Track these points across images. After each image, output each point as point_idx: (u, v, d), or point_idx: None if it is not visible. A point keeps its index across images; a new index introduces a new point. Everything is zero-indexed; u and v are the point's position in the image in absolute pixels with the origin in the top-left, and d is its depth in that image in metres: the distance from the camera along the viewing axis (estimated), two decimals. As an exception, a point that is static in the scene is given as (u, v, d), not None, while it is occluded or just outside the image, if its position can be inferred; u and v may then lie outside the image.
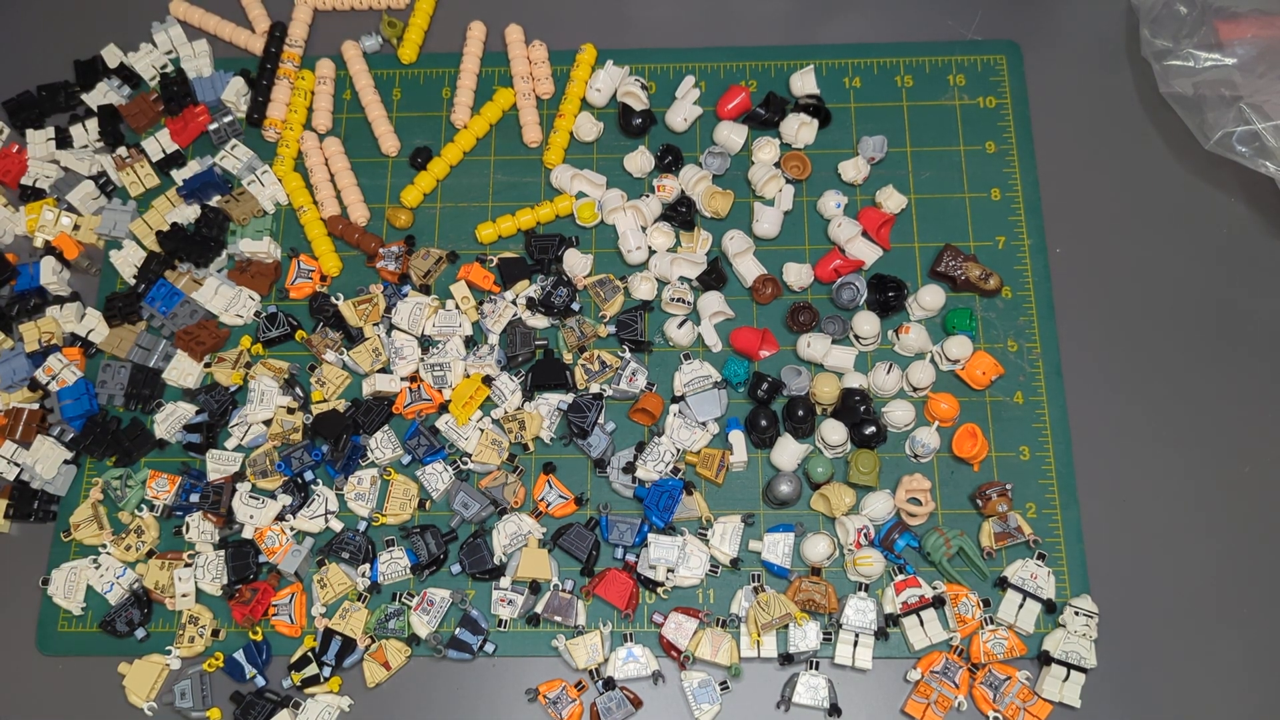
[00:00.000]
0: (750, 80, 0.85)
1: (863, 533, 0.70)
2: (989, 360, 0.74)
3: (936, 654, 0.68)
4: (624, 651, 0.69)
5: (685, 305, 0.77)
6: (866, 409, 0.73)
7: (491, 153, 0.85)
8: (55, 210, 0.82)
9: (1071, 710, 0.68)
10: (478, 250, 0.81)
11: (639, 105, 0.83)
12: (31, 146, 0.85)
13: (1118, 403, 0.75)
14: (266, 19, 0.89)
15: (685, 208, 0.80)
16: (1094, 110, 0.83)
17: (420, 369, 0.76)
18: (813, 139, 0.82)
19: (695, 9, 0.88)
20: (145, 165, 0.84)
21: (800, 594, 0.69)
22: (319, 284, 0.80)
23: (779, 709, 0.69)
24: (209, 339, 0.78)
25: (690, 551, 0.71)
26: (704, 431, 0.74)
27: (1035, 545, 0.71)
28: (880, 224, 0.79)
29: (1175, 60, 0.79)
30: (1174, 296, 0.78)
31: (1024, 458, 0.74)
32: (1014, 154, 0.82)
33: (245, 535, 0.73)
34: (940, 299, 0.76)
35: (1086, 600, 0.69)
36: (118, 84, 0.87)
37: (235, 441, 0.76)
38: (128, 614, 0.71)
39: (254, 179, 0.83)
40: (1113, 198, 0.81)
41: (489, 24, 0.88)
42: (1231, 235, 0.79)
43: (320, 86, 0.86)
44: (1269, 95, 0.75)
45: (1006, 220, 0.80)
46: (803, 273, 0.78)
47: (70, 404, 0.76)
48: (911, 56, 0.85)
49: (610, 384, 0.75)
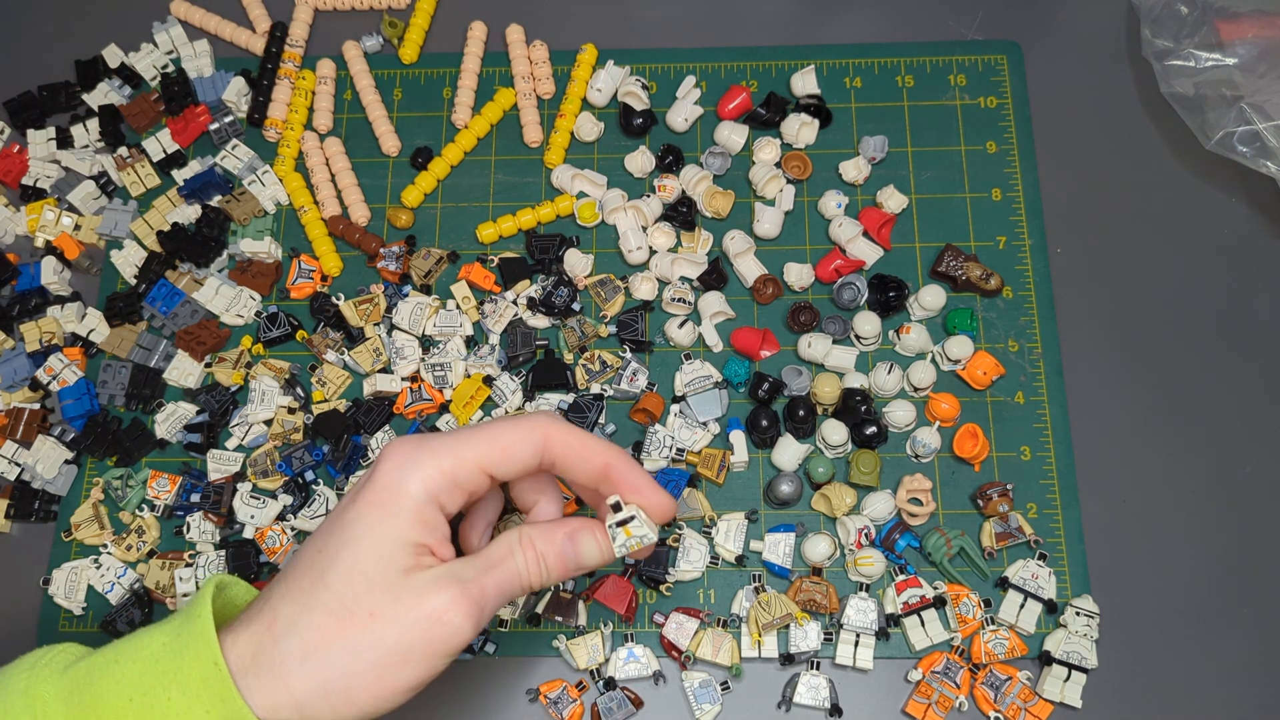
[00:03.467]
0: (751, 80, 0.85)
1: (864, 533, 0.70)
2: (990, 360, 0.74)
3: (937, 654, 0.68)
4: (625, 652, 0.69)
5: (686, 305, 0.77)
6: (867, 409, 0.73)
7: (492, 153, 0.85)
8: (56, 210, 0.82)
9: (1073, 710, 0.68)
10: (478, 250, 0.81)
11: (640, 105, 0.83)
12: (32, 146, 0.85)
13: (1119, 403, 0.75)
14: (267, 19, 0.89)
15: (686, 208, 0.80)
16: (1095, 110, 0.83)
17: (421, 369, 0.76)
18: (813, 139, 0.82)
19: (696, 9, 0.88)
20: (146, 165, 0.84)
21: (801, 594, 0.69)
22: (320, 284, 0.80)
23: (780, 709, 0.69)
24: (210, 339, 0.78)
25: (690, 545, 0.71)
26: (705, 431, 0.74)
27: (1036, 545, 0.71)
28: (881, 224, 0.79)
29: (1176, 60, 0.79)
30: (1175, 296, 0.78)
31: (1025, 458, 0.74)
32: (1015, 154, 0.82)
33: (246, 535, 0.73)
34: (941, 299, 0.76)
35: (1087, 600, 0.69)
36: (119, 84, 0.87)
37: (236, 441, 0.76)
38: (129, 614, 0.71)
39: (255, 179, 0.83)
40: (1113, 198, 0.81)
41: (490, 24, 0.88)
42: (1232, 235, 0.79)
43: (321, 86, 0.86)
44: (1270, 95, 0.75)
45: (1007, 220, 0.80)
46: (803, 273, 0.78)
47: (71, 404, 0.76)
48: (912, 56, 0.85)
49: (611, 384, 0.75)
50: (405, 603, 0.46)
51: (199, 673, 0.45)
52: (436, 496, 0.49)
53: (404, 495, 0.48)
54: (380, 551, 0.47)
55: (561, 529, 0.52)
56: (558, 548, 0.51)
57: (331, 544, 0.48)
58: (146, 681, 0.45)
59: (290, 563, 0.49)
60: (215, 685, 0.45)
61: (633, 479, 0.53)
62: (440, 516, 0.49)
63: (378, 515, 0.48)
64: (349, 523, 0.48)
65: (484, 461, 0.50)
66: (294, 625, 0.46)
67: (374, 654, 0.46)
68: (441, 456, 0.49)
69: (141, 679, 0.45)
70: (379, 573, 0.47)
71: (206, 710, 0.45)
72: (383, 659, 0.46)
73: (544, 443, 0.51)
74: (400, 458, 0.49)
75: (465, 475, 0.49)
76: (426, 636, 0.46)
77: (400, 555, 0.47)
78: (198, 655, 0.45)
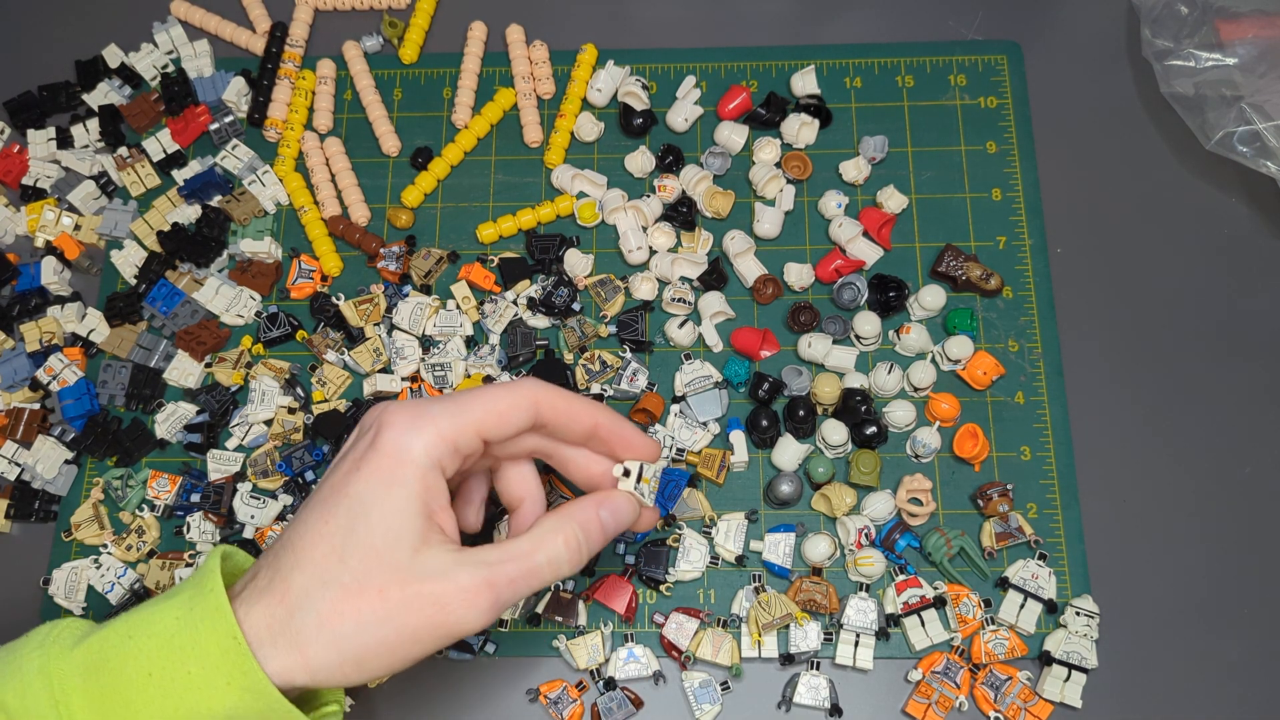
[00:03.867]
0: (751, 80, 0.85)
1: (864, 533, 0.70)
2: (990, 360, 0.74)
3: (937, 654, 0.68)
4: (625, 652, 0.69)
5: (686, 305, 0.77)
6: (867, 409, 0.73)
7: (492, 153, 0.85)
8: (56, 210, 0.82)
9: (1073, 710, 0.68)
10: (478, 250, 0.81)
11: (640, 105, 0.83)
12: (32, 147, 0.85)
13: (1119, 403, 0.75)
14: (267, 19, 0.89)
15: (686, 208, 0.80)
16: (1095, 110, 0.83)
17: (421, 369, 0.76)
18: (814, 139, 0.82)
19: (696, 9, 0.88)
20: (146, 165, 0.84)
21: (801, 594, 0.69)
22: (320, 284, 0.80)
23: (780, 709, 0.69)
24: (210, 339, 0.78)
25: (690, 545, 0.71)
26: (705, 432, 0.74)
27: (1036, 545, 0.71)
28: (881, 224, 0.79)
29: (1176, 60, 0.79)
30: (1175, 296, 0.78)
31: (1025, 458, 0.74)
32: (1015, 154, 0.82)
33: (246, 535, 0.73)
34: (941, 299, 0.76)
35: (1087, 600, 0.69)
36: (119, 84, 0.87)
37: (236, 441, 0.76)
38: (129, 614, 0.71)
39: (255, 179, 0.83)
40: (1114, 198, 0.81)
41: (490, 24, 0.88)
42: (1232, 235, 0.79)
43: (321, 86, 0.86)
44: (1270, 95, 0.75)
45: (1007, 220, 0.80)
46: (804, 273, 0.78)
47: (71, 404, 0.76)
48: (912, 56, 0.85)
49: (611, 384, 0.75)
50: (422, 582, 0.47)
51: (217, 646, 0.45)
52: (440, 461, 0.49)
53: (409, 463, 0.48)
54: (390, 525, 0.47)
55: (591, 502, 0.54)
56: (595, 518, 0.53)
57: (340, 515, 0.48)
58: (165, 655, 0.46)
59: (296, 529, 0.49)
60: (234, 657, 0.45)
61: (622, 433, 0.56)
62: (444, 483, 0.50)
63: (385, 486, 0.48)
64: (358, 494, 0.48)
65: (481, 426, 0.50)
66: (309, 598, 0.46)
67: (385, 631, 0.47)
68: (441, 422, 0.49)
69: (159, 653, 0.46)
70: (390, 548, 0.47)
71: (227, 681, 0.45)
72: (394, 636, 0.47)
73: (535, 406, 0.52)
74: (403, 424, 0.49)
75: (464, 440, 0.50)
76: (440, 620, 0.47)
77: (411, 528, 0.48)
78: (214, 629, 0.46)
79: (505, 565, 0.49)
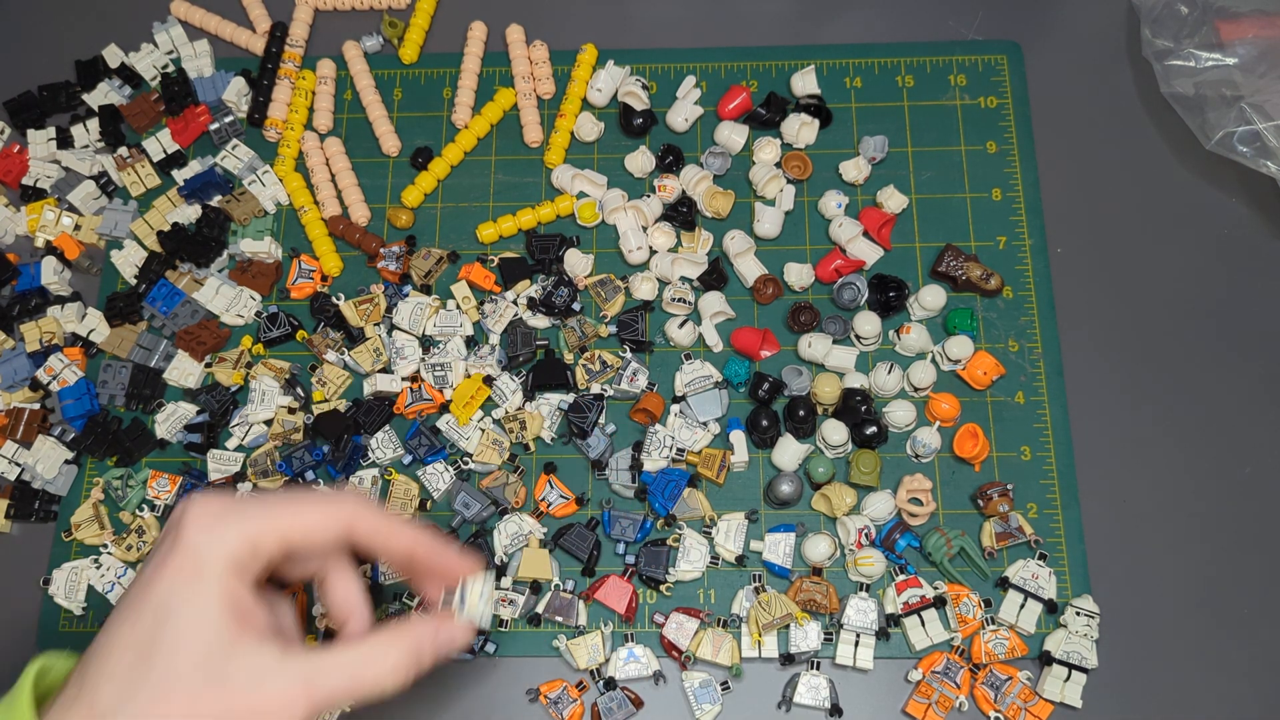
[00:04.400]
0: (751, 80, 0.85)
1: (864, 533, 0.70)
2: (990, 360, 0.74)
3: (938, 654, 0.68)
4: (625, 652, 0.69)
5: (686, 305, 0.77)
6: (867, 409, 0.73)
7: (492, 153, 0.85)
8: (56, 210, 0.82)
9: (1073, 710, 0.68)
10: (479, 250, 0.81)
11: (640, 105, 0.83)
12: (32, 146, 0.85)
13: (1119, 403, 0.75)
14: (267, 19, 0.89)
15: (686, 208, 0.80)
16: (1095, 110, 0.83)
17: (421, 369, 0.76)
18: (814, 139, 0.82)
19: (696, 9, 0.88)
20: (146, 165, 0.84)
21: (801, 594, 0.69)
22: (320, 284, 0.80)
23: (780, 709, 0.69)
24: (210, 339, 0.78)
25: (690, 545, 0.71)
26: (705, 432, 0.74)
27: (1036, 545, 0.71)
28: (881, 224, 0.79)
29: (1176, 60, 0.79)
30: (1175, 296, 0.78)
31: (1025, 458, 0.74)
32: (1015, 154, 0.82)
33: (246, 535, 0.73)
34: (941, 299, 0.76)
35: (1088, 600, 0.69)
36: (119, 84, 0.87)
37: (236, 441, 0.76)
38: (129, 614, 0.71)
39: (255, 179, 0.83)
40: (1114, 198, 0.81)
41: (490, 24, 0.88)
42: (1232, 235, 0.79)
43: (321, 86, 0.86)
44: (1270, 95, 0.75)
45: (1007, 220, 0.80)
46: (804, 273, 0.78)
47: (71, 404, 0.76)
48: (912, 56, 0.85)
49: (611, 384, 0.75)
50: (232, 693, 0.45)
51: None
52: (240, 563, 0.47)
53: (210, 563, 0.47)
54: (197, 629, 0.46)
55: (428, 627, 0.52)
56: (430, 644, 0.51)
57: (146, 619, 0.46)
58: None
59: (105, 635, 0.47)
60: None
61: (440, 559, 0.54)
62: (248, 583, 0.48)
63: (189, 586, 0.46)
64: (161, 597, 0.46)
65: (286, 534, 0.49)
66: (115, 712, 0.44)
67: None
68: (246, 524, 0.48)
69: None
70: (197, 654, 0.45)
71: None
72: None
73: (349, 524, 0.51)
74: (204, 523, 0.47)
75: (265, 545, 0.48)
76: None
77: (218, 631, 0.46)
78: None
79: (330, 675, 0.47)
